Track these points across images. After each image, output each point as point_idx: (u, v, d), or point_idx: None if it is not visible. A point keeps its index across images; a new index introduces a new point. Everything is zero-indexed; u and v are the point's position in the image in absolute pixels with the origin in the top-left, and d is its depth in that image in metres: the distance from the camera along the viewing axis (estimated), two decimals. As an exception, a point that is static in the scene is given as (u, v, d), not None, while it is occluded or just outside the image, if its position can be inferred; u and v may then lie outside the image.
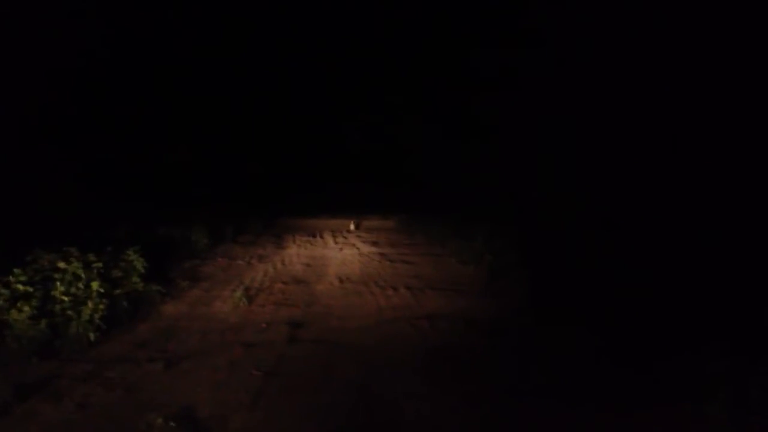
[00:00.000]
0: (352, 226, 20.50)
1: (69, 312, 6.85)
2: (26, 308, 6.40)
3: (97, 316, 7.03)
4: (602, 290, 8.55)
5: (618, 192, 16.64)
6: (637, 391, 5.45)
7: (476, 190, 24.09)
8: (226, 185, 27.75)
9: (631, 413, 5.03)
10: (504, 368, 6.16)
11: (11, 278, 6.73)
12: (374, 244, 16.18)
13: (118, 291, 7.98)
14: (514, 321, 8.05)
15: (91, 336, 6.85)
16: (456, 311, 8.57)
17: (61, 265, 7.39)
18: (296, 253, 14.22)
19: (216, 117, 27.99)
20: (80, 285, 7.29)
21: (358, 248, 15.24)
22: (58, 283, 7.09)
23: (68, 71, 17.05)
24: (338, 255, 14.02)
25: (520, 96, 20.57)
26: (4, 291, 6.56)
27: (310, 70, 28.94)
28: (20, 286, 6.68)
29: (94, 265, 7.79)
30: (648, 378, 5.68)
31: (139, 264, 8.86)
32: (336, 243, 16.38)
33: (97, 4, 17.33)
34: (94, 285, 7.36)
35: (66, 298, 6.95)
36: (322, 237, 17.84)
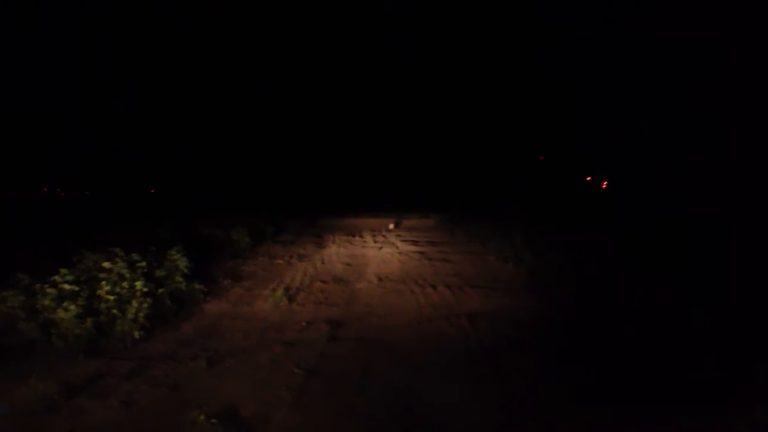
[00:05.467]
0: (391, 226, 20.46)
1: (114, 311, 6.97)
2: (72, 307, 6.53)
3: (141, 314, 7.14)
4: (644, 289, 8.33)
5: (657, 191, 16.26)
6: (682, 390, 5.26)
7: (518, 190, 23.94)
8: (268, 186, 28.11)
9: (671, 413, 4.86)
10: (545, 369, 6.00)
11: (58, 278, 6.88)
12: (414, 242, 16.10)
13: (161, 290, 8.08)
14: (553, 320, 7.86)
15: (136, 334, 6.96)
16: (495, 310, 8.42)
17: (107, 265, 7.53)
18: (336, 252, 14.22)
19: (256, 122, 28.50)
20: (125, 285, 7.41)
21: (397, 247, 15.17)
22: (103, 283, 7.21)
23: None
24: (378, 254, 13.98)
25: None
26: (51, 291, 6.71)
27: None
28: (67, 286, 6.82)
29: (138, 264, 7.92)
30: (694, 377, 5.48)
31: (182, 264, 8.99)
32: (375, 242, 16.34)
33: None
34: (138, 284, 7.48)
35: (111, 297, 7.07)
36: (361, 236, 17.83)
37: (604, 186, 22.09)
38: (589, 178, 23.67)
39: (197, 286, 8.99)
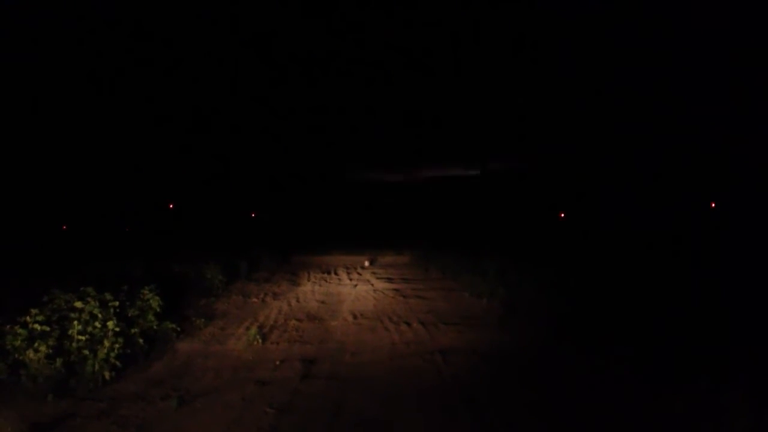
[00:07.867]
0: (366, 263, 20.53)
1: (85, 351, 6.90)
2: (42, 348, 6.47)
3: (112, 354, 7.07)
4: (614, 322, 8.49)
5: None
6: (650, 424, 5.38)
7: (490, 228, 24.26)
8: (241, 223, 28.05)
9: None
10: (517, 404, 6.09)
11: (28, 318, 6.81)
12: (388, 280, 16.17)
13: (133, 330, 8.02)
14: (526, 356, 7.98)
15: (107, 374, 6.89)
16: (469, 345, 8.52)
17: (78, 304, 7.47)
18: (311, 290, 14.23)
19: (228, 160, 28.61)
20: (97, 324, 7.34)
21: (372, 284, 15.24)
22: (75, 323, 7.15)
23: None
24: (352, 291, 14.02)
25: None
26: (21, 331, 6.63)
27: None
28: (37, 326, 6.75)
29: (111, 304, 7.85)
30: (661, 411, 5.61)
31: (155, 303, 8.94)
32: (350, 279, 16.38)
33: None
34: (110, 324, 7.42)
35: (82, 338, 7.00)
36: (336, 274, 17.86)
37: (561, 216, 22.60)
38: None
39: (169, 325, 8.94)
